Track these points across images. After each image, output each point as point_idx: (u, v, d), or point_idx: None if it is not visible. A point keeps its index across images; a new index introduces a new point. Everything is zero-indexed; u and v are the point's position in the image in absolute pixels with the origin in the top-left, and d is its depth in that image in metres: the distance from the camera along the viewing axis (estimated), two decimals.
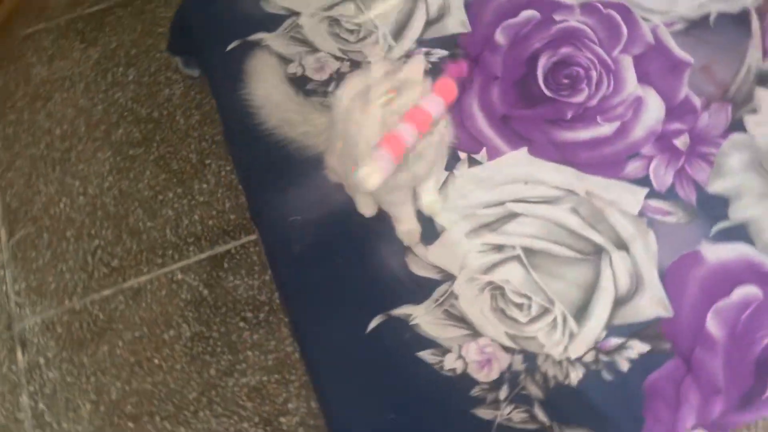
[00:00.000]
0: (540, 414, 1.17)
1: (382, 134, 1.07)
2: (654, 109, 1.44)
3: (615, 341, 1.23)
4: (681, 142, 1.41)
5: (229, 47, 1.59)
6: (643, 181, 1.37)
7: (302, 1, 1.65)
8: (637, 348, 1.22)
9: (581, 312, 1.25)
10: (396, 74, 1.11)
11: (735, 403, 1.19)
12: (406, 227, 1.33)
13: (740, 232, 1.30)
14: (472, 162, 1.41)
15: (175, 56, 1.93)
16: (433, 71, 1.49)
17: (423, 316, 1.27)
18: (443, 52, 1.55)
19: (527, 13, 1.58)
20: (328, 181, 1.39)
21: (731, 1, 1.54)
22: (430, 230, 1.34)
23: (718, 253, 1.29)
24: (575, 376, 1.21)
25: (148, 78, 1.93)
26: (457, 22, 1.59)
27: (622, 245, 1.30)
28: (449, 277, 1.30)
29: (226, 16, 1.64)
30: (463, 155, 1.41)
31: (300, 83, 1.52)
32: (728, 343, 1.21)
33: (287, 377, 1.50)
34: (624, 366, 1.21)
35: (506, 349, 1.24)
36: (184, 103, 1.88)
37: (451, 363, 1.23)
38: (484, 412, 1.18)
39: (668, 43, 1.51)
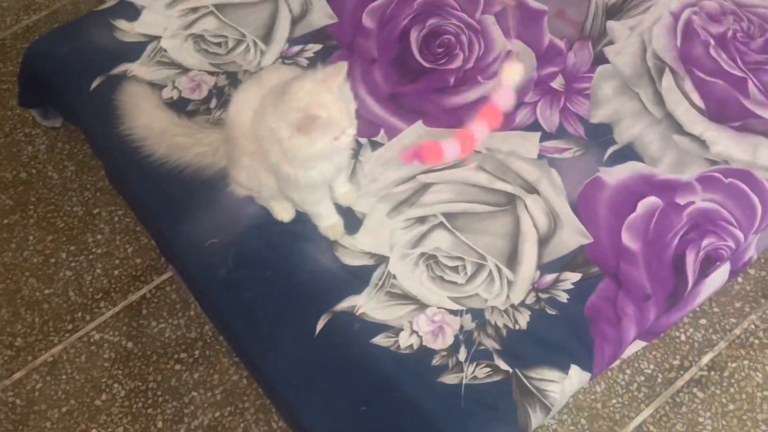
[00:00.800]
0: (501, 363, 1.21)
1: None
2: (525, 58, 1.53)
3: (549, 278, 1.29)
4: (557, 83, 1.50)
5: (93, 85, 1.50)
6: (534, 125, 1.45)
7: (158, 25, 1.58)
8: (570, 278, 1.29)
9: (512, 259, 1.31)
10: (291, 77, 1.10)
11: (664, 305, 1.29)
12: (328, 222, 1.32)
13: (629, 152, 1.41)
14: (374, 145, 1.42)
15: (29, 109, 1.79)
16: (311, 65, 1.50)
17: (367, 304, 1.27)
18: (317, 46, 1.55)
19: None
20: (235, 196, 1.35)
21: None
22: (351, 220, 1.34)
23: (615, 175, 1.39)
24: (522, 319, 1.25)
25: (5, 139, 1.77)
26: (322, 15, 1.59)
27: (531, 189, 1.37)
28: (382, 260, 1.31)
29: (80, 55, 1.54)
30: (363, 140, 1.42)
31: (179, 106, 1.46)
32: (645, 252, 1.31)
33: (241, 406, 1.44)
34: (563, 297, 1.27)
35: (453, 312, 1.26)
36: (52, 156, 1.74)
37: (405, 340, 1.24)
38: (449, 378, 1.20)
39: None
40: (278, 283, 1.29)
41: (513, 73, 1.42)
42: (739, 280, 1.55)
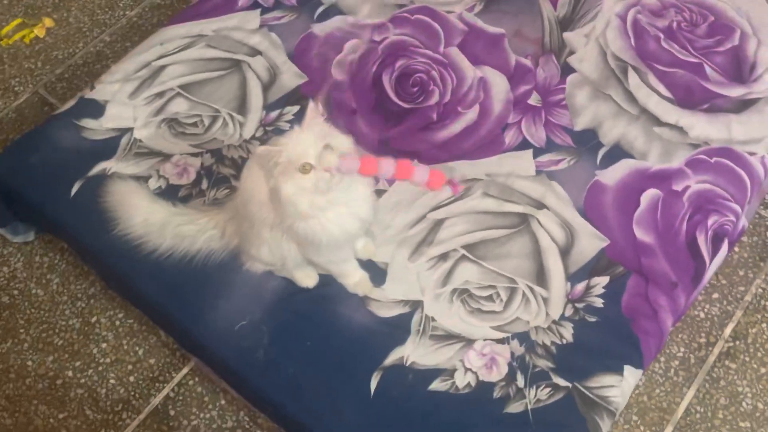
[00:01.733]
0: (560, 380, 1.22)
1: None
2: (498, 82, 1.57)
3: (580, 286, 1.32)
4: (533, 99, 1.55)
5: (73, 191, 1.43)
6: (524, 144, 1.49)
7: (126, 117, 1.53)
8: (600, 282, 1.32)
9: (541, 277, 1.33)
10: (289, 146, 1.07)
11: (690, 289, 1.33)
12: (355, 279, 1.30)
13: (618, 151, 1.47)
14: (378, 193, 1.42)
15: None
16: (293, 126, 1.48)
17: (414, 352, 1.25)
18: (294, 108, 1.54)
19: (350, 44, 1.63)
20: (254, 273, 1.32)
21: None
22: (375, 272, 1.33)
23: (612, 175, 1.44)
24: (567, 332, 1.27)
25: None
26: (291, 76, 1.59)
27: (539, 205, 1.40)
28: (417, 305, 1.30)
29: (53, 162, 1.47)
30: None
31: (170, 194, 1.41)
32: (660, 242, 1.36)
33: None
34: (598, 303, 1.30)
35: (500, 341, 1.26)
36: (32, 273, 1.65)
37: (462, 380, 1.23)
38: (515, 407, 1.20)
39: (478, 24, 1.66)
40: (319, 351, 1.26)
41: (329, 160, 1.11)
42: (736, 249, 1.63)
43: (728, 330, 1.54)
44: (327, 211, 1.11)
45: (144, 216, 1.32)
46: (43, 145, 1.50)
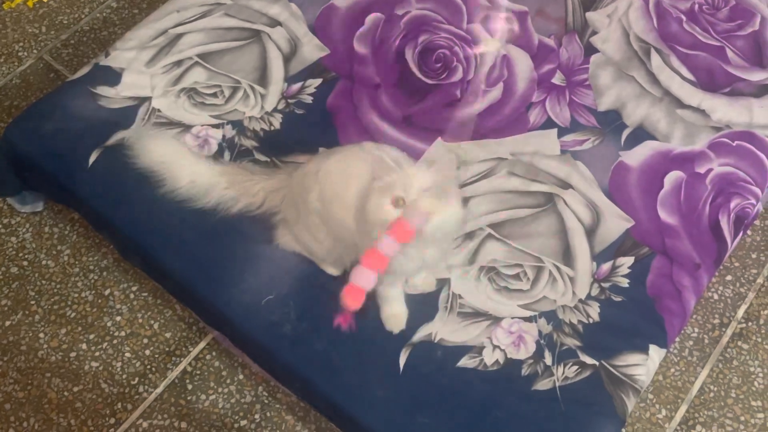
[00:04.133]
0: (587, 359, 1.23)
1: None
2: (522, 60, 1.56)
3: (606, 266, 1.33)
4: (557, 79, 1.54)
5: (91, 161, 1.40)
6: (548, 123, 1.48)
7: (144, 86, 1.49)
8: (625, 263, 1.33)
9: (567, 256, 1.33)
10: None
11: (712, 270, 1.35)
12: (395, 310, 1.23)
13: (641, 132, 1.48)
14: None
15: (6, 198, 1.64)
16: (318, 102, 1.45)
17: (443, 328, 1.25)
18: (317, 81, 1.52)
19: (372, 17, 1.60)
20: (283, 251, 1.30)
21: None
22: None
23: (636, 157, 1.44)
24: (593, 311, 1.28)
25: None
26: (313, 48, 1.56)
27: (565, 185, 1.40)
28: (444, 282, 1.30)
29: (68, 131, 1.43)
30: None
31: None
32: (684, 224, 1.37)
33: None
34: (624, 283, 1.31)
35: (527, 319, 1.27)
36: (42, 243, 1.61)
37: (490, 357, 1.23)
38: (543, 384, 1.21)
39: (501, 2, 1.64)
40: (347, 328, 1.25)
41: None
42: (749, 232, 1.65)
43: (741, 311, 1.57)
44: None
45: (189, 177, 1.28)
46: (57, 112, 1.46)
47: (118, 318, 1.52)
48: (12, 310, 1.53)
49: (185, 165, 1.27)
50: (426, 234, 1.01)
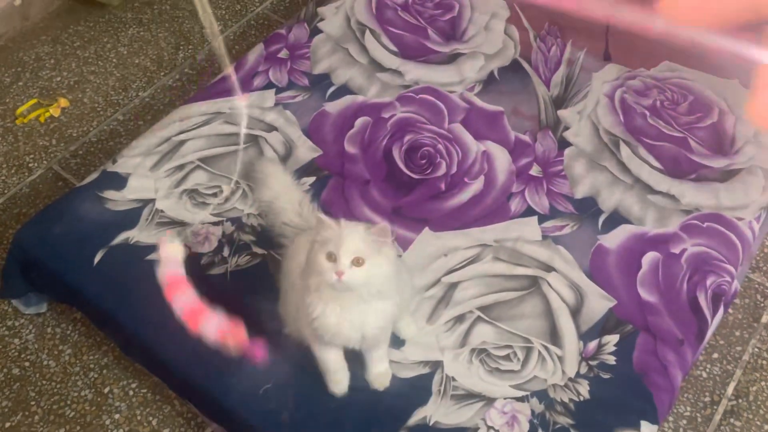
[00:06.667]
0: None
1: None
2: (500, 155, 1.68)
3: (592, 345, 1.37)
4: (535, 170, 1.66)
5: (96, 260, 1.47)
6: (529, 211, 1.58)
7: (148, 188, 1.59)
8: (611, 340, 1.38)
9: (554, 336, 1.38)
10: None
11: (695, 345, 1.40)
12: (380, 369, 1.28)
13: (617, 217, 1.57)
14: None
15: (10, 300, 1.69)
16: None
17: (437, 412, 1.28)
18: (311, 178, 1.62)
19: (360, 120, 1.73)
20: (278, 337, 1.34)
21: (502, 57, 1.88)
22: (394, 334, 1.37)
23: (613, 240, 1.53)
24: (583, 389, 1.32)
25: None
26: (306, 150, 1.68)
27: (548, 268, 1.48)
28: (437, 365, 1.34)
29: (76, 232, 1.51)
30: None
31: (192, 262, 1.45)
32: (663, 302, 1.43)
33: None
34: (611, 360, 1.35)
35: (520, 399, 1.30)
36: (44, 344, 1.64)
37: None
38: None
39: (478, 103, 1.78)
40: (344, 413, 1.27)
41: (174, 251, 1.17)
42: (730, 311, 1.71)
43: (730, 389, 1.59)
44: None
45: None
46: (66, 216, 1.55)
47: (117, 416, 1.54)
48: (12, 411, 1.54)
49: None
50: (361, 291, 1.10)
